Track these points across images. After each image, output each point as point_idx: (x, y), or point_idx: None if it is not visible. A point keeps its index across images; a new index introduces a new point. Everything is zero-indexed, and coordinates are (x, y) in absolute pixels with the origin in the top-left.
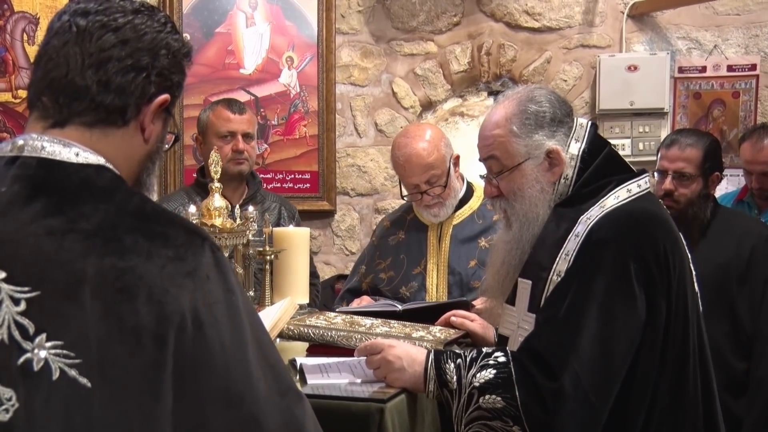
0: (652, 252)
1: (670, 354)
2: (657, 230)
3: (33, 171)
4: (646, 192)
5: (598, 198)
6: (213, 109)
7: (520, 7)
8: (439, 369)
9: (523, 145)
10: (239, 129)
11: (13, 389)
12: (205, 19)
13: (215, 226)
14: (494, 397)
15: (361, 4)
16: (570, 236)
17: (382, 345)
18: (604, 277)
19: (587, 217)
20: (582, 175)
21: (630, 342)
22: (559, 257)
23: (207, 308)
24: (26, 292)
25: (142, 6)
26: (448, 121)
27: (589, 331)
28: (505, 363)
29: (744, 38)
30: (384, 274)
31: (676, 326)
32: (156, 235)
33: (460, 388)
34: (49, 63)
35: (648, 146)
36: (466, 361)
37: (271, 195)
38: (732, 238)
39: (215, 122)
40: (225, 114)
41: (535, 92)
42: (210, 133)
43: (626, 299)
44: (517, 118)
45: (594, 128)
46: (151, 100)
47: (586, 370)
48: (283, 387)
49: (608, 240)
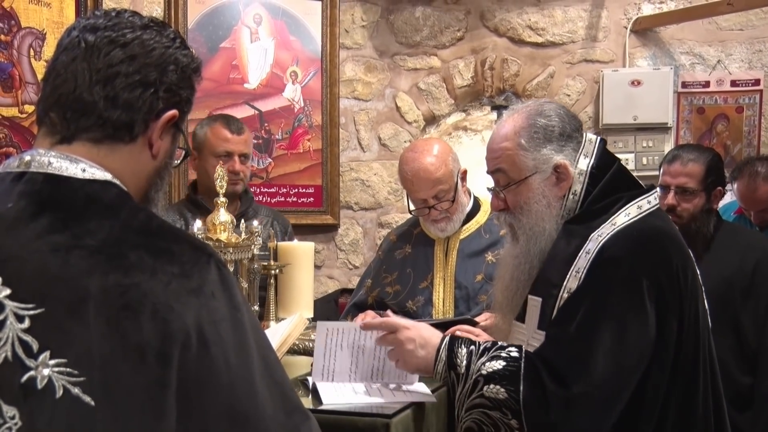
0: (664, 270)
1: (681, 372)
2: (669, 248)
3: (39, 187)
4: (656, 208)
5: (608, 215)
6: (211, 126)
7: (524, 22)
8: (451, 351)
9: (530, 159)
10: (236, 150)
11: (17, 407)
12: (210, 34)
13: (220, 240)
14: (498, 388)
15: (364, 19)
16: (581, 253)
17: (397, 325)
18: (617, 294)
19: (598, 235)
20: (591, 191)
21: (640, 357)
22: (569, 274)
23: (212, 326)
24: (30, 309)
25: (151, 21)
26: (452, 136)
27: (602, 346)
28: (517, 358)
29: (747, 53)
30: (390, 288)
31: (687, 344)
32: (161, 251)
33: (467, 373)
34: (58, 79)
35: (651, 161)
36: (479, 348)
37: (263, 209)
38: (735, 252)
39: (212, 141)
40: (223, 133)
41: (544, 106)
42: (206, 151)
43: (638, 315)
44: (526, 132)
45: (603, 144)
46: (159, 116)
47: (597, 384)
48: (290, 406)
49: (621, 257)
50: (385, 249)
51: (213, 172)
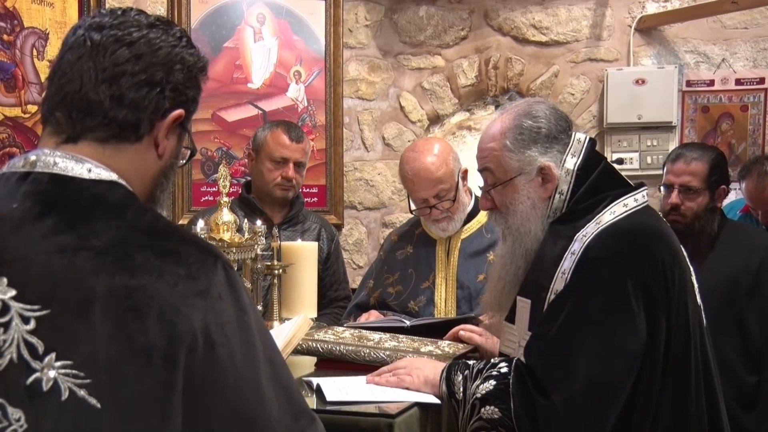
0: (649, 267)
1: (672, 369)
2: (654, 244)
3: (45, 187)
4: (644, 206)
5: (594, 214)
6: (272, 130)
7: (528, 21)
8: (449, 380)
9: (516, 160)
10: (293, 157)
11: (22, 410)
12: (213, 33)
13: (223, 240)
14: (493, 408)
15: (368, 19)
16: (566, 254)
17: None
18: (601, 296)
19: (583, 234)
20: (577, 190)
21: (631, 360)
22: (556, 276)
23: (219, 328)
24: (36, 311)
25: (157, 20)
26: (456, 135)
27: (587, 350)
28: (506, 374)
29: (752, 52)
30: (392, 289)
31: (677, 341)
32: (168, 252)
33: (464, 399)
34: (63, 78)
35: (656, 160)
36: (473, 372)
37: (312, 215)
38: (740, 251)
39: (271, 145)
40: (282, 139)
41: (533, 107)
42: (263, 154)
43: (625, 317)
44: (512, 133)
45: (591, 143)
46: (165, 116)
47: (581, 389)
48: (296, 409)
49: (604, 258)
50: (387, 249)
51: (268, 176)
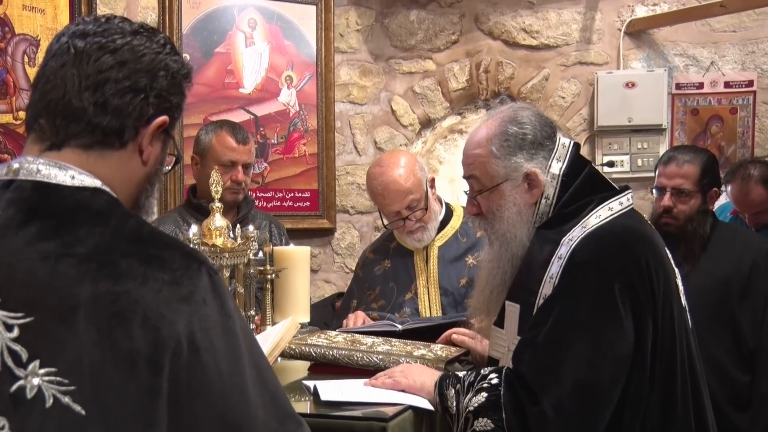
0: (635, 270)
1: (659, 371)
2: (638, 246)
3: (28, 194)
4: (629, 209)
5: (579, 218)
6: (216, 132)
7: (518, 25)
8: (442, 395)
9: (501, 167)
10: (241, 159)
11: (6, 418)
12: (205, 39)
13: (216, 245)
14: (486, 420)
15: (359, 23)
16: (553, 259)
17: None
18: (588, 300)
19: (569, 239)
20: (563, 195)
21: (620, 363)
22: (544, 280)
23: (203, 333)
24: (20, 318)
25: (141, 27)
26: (447, 139)
27: (575, 354)
28: (497, 385)
29: (740, 54)
30: (375, 304)
31: (663, 342)
32: (152, 258)
33: (458, 413)
34: (47, 85)
35: (647, 162)
36: (464, 385)
37: (260, 214)
38: (732, 252)
39: (218, 149)
40: (229, 142)
41: (518, 113)
42: (210, 157)
43: (612, 321)
44: (498, 140)
45: (576, 148)
46: (149, 122)
47: (570, 393)
48: (282, 413)
49: (590, 261)
50: (362, 265)
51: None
